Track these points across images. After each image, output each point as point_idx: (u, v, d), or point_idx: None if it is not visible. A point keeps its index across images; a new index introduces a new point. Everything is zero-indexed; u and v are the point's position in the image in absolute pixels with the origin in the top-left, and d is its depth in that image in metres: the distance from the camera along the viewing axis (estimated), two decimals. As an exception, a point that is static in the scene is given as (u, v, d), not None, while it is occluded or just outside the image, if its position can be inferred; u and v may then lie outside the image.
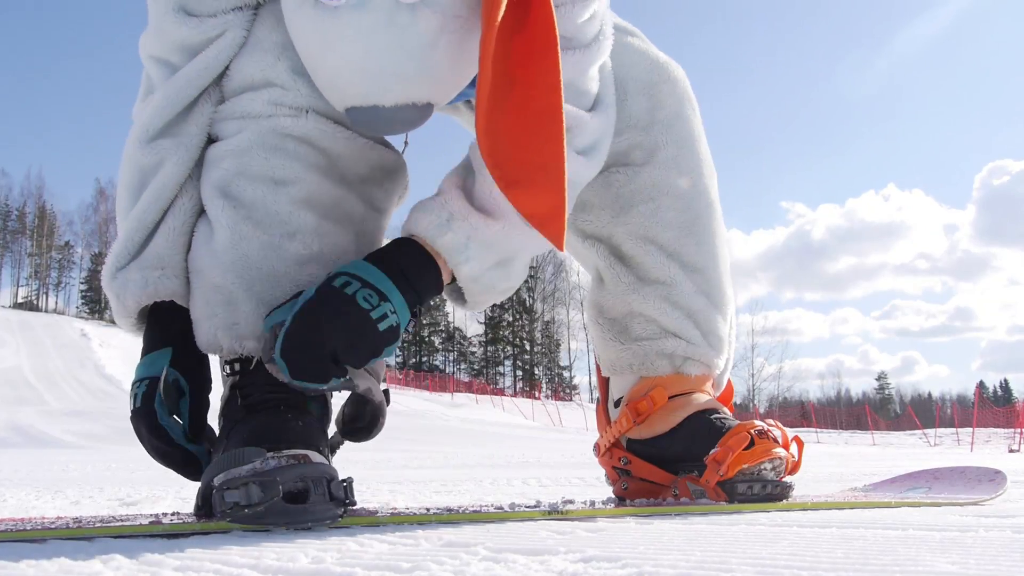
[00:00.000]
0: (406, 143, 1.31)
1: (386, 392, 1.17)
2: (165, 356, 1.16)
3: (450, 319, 59.96)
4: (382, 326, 1.03)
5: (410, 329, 1.09)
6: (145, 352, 1.17)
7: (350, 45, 1.01)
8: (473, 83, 1.09)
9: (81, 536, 0.92)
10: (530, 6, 1.01)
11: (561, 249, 1.13)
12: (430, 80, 1.05)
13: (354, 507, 1.05)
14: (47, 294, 61.00)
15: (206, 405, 1.18)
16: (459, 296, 1.19)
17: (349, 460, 5.25)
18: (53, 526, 0.98)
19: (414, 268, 1.09)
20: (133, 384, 1.15)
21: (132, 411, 1.13)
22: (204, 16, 1.14)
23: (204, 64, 1.15)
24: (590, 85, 1.22)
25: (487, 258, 1.13)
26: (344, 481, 1.00)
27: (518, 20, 1.00)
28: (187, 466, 1.14)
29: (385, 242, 1.20)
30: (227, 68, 1.16)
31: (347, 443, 1.20)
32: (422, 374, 45.98)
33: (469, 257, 1.11)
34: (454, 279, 1.14)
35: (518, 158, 1.04)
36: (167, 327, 1.18)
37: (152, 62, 1.18)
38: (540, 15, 1.01)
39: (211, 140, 1.18)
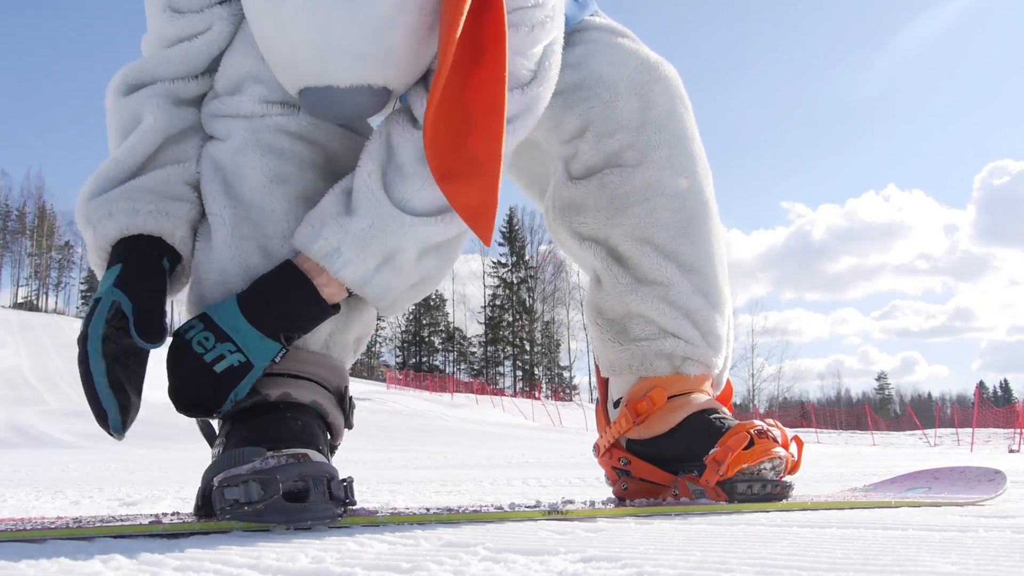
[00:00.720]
0: None
1: (348, 393, 1.18)
2: (112, 273, 1.07)
3: (450, 319, 60.00)
4: (219, 367, 1.02)
5: (275, 360, 1.05)
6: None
7: (305, 20, 1.00)
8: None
9: (81, 536, 0.92)
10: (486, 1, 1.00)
11: (488, 244, 1.09)
12: (386, 61, 1.04)
13: (354, 507, 1.05)
14: (47, 294, 61.05)
15: (160, 307, 1.08)
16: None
17: (349, 460, 5.25)
18: (53, 526, 0.98)
19: (275, 289, 1.07)
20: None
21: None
22: (189, 12, 1.15)
23: (183, 52, 1.16)
24: (523, 72, 1.11)
25: (367, 258, 1.07)
26: (344, 480, 1.00)
27: (474, 13, 0.99)
28: (103, 417, 1.03)
29: None
30: (219, 64, 1.17)
31: (346, 443, 1.21)
32: (422, 374, 45.99)
33: (346, 261, 1.06)
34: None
35: (457, 151, 1.03)
36: (129, 250, 1.09)
37: None
38: (494, 8, 1.00)
39: (209, 140, 1.19)
